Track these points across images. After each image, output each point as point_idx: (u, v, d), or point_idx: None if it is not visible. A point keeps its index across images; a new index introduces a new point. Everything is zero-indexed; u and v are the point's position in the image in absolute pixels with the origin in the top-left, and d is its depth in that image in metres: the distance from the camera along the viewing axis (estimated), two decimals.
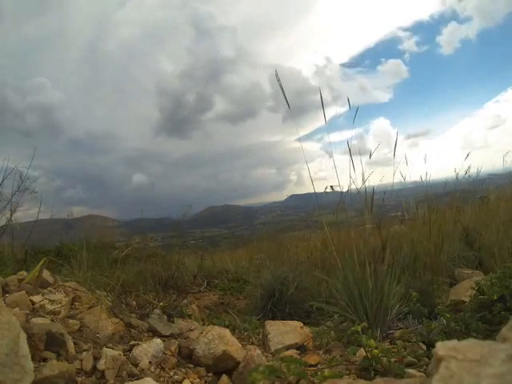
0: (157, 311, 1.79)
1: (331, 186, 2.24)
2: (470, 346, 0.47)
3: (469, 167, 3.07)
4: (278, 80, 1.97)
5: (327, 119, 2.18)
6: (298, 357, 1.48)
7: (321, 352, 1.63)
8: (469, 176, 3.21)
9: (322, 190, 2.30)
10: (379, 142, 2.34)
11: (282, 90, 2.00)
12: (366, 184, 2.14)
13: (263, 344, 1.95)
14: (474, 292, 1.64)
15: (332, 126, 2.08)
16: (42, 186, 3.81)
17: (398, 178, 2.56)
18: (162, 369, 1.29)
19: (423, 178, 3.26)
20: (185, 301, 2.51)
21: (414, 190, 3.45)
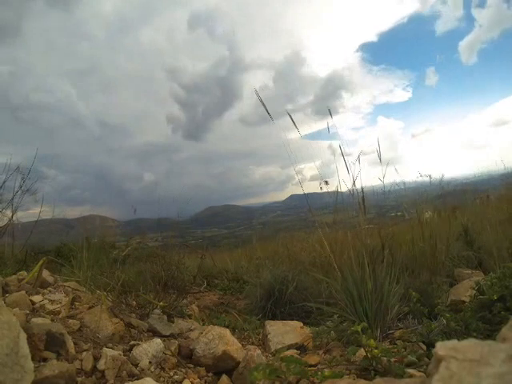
0: (157, 311, 1.80)
1: (325, 181, 2.24)
2: (470, 346, 0.47)
3: (462, 167, 3.09)
4: (259, 96, 2.02)
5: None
6: (298, 357, 1.48)
7: (321, 352, 1.63)
8: (463, 178, 3.22)
9: (322, 190, 2.29)
10: (383, 141, 2.33)
11: (263, 104, 2.04)
12: (363, 184, 2.14)
13: (263, 344, 1.96)
14: (474, 292, 1.64)
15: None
16: (45, 187, 3.81)
17: (397, 178, 2.56)
18: (162, 369, 1.30)
19: (423, 178, 3.27)
20: (185, 301, 2.51)
21: (413, 190, 3.46)
